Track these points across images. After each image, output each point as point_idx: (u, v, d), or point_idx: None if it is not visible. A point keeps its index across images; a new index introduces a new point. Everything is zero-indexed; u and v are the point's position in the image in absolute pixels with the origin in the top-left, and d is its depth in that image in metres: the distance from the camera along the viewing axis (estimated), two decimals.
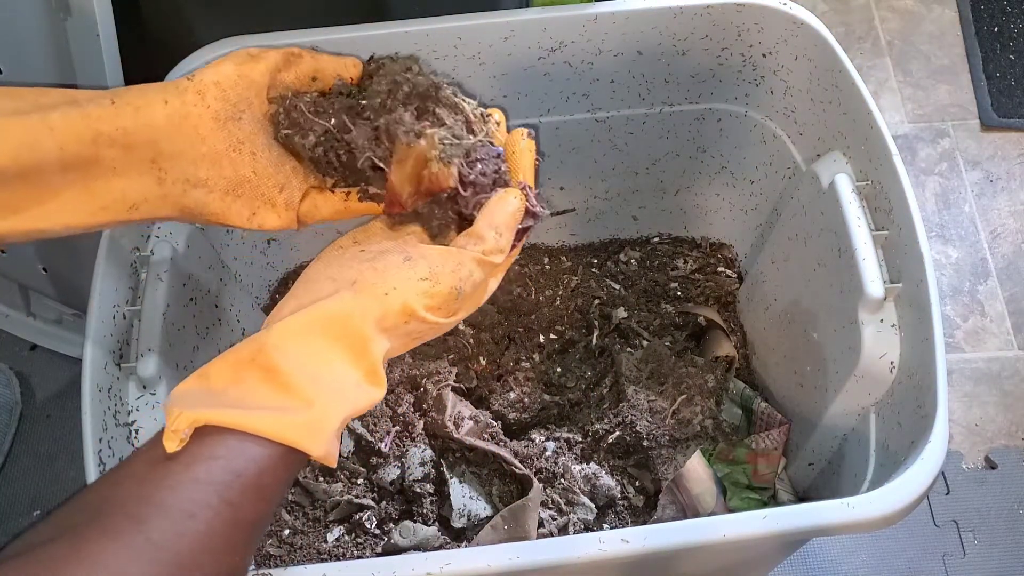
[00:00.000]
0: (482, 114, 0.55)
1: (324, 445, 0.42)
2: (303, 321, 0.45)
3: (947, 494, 1.02)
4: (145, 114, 0.48)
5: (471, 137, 0.53)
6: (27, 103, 0.46)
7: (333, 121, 0.53)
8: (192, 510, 0.38)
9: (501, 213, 0.51)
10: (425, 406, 0.80)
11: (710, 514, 0.76)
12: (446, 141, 0.51)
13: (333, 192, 0.56)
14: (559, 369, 0.89)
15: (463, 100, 0.55)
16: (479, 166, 0.53)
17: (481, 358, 0.88)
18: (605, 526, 0.76)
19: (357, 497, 0.75)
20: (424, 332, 0.50)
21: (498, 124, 0.56)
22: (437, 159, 0.51)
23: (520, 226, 0.53)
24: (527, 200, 0.53)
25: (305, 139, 0.53)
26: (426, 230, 0.53)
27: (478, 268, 0.50)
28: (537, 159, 0.57)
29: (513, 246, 0.53)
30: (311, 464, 0.49)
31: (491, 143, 0.54)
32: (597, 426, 0.79)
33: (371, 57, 0.56)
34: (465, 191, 0.52)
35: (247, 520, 0.41)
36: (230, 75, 0.51)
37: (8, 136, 0.44)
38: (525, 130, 0.57)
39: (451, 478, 0.76)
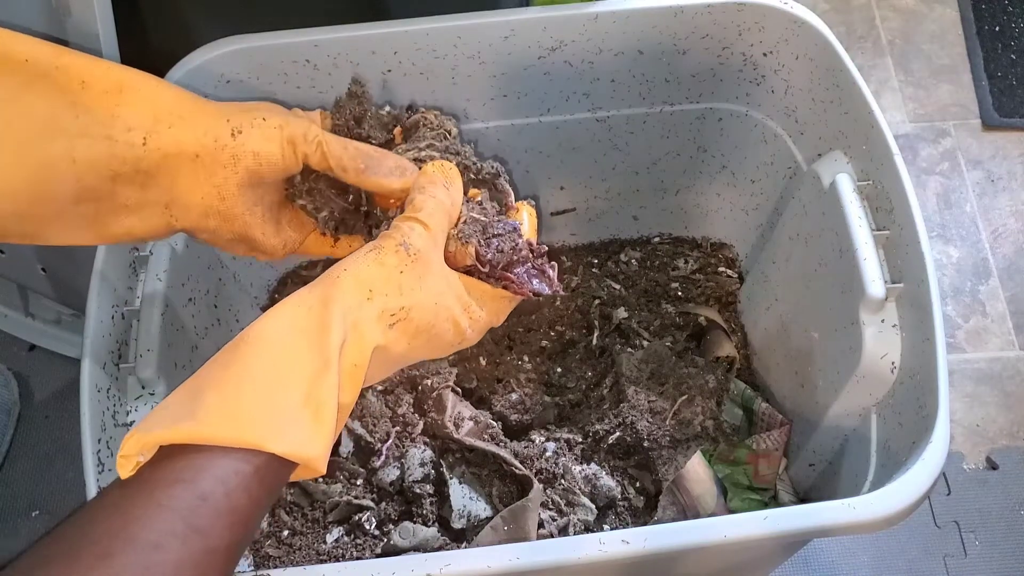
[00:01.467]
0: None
1: (283, 439, 0.39)
2: (256, 330, 0.43)
3: (948, 495, 1.01)
4: (171, 163, 0.47)
5: (488, 216, 0.54)
6: (61, 128, 0.44)
7: (352, 198, 0.55)
8: (158, 540, 0.36)
9: (423, 178, 0.51)
10: (425, 406, 0.80)
11: (711, 515, 0.76)
12: (466, 220, 0.52)
13: (324, 236, 0.57)
14: (559, 369, 0.88)
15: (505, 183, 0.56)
16: (495, 243, 0.53)
17: (481, 358, 0.88)
18: (605, 527, 0.75)
19: (356, 498, 0.75)
20: (400, 317, 0.47)
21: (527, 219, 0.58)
22: (455, 238, 0.51)
23: (526, 280, 0.54)
24: (489, 223, 0.53)
25: (320, 212, 0.55)
26: None
27: (414, 224, 0.48)
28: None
29: (512, 286, 0.53)
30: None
31: (506, 217, 0.55)
32: (597, 427, 0.79)
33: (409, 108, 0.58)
34: (484, 267, 0.52)
35: (219, 546, 0.38)
36: (273, 153, 0.50)
37: (27, 162, 0.43)
38: (530, 202, 0.59)
39: (451, 479, 0.75)
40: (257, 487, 0.40)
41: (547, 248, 0.55)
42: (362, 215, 0.56)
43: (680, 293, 0.93)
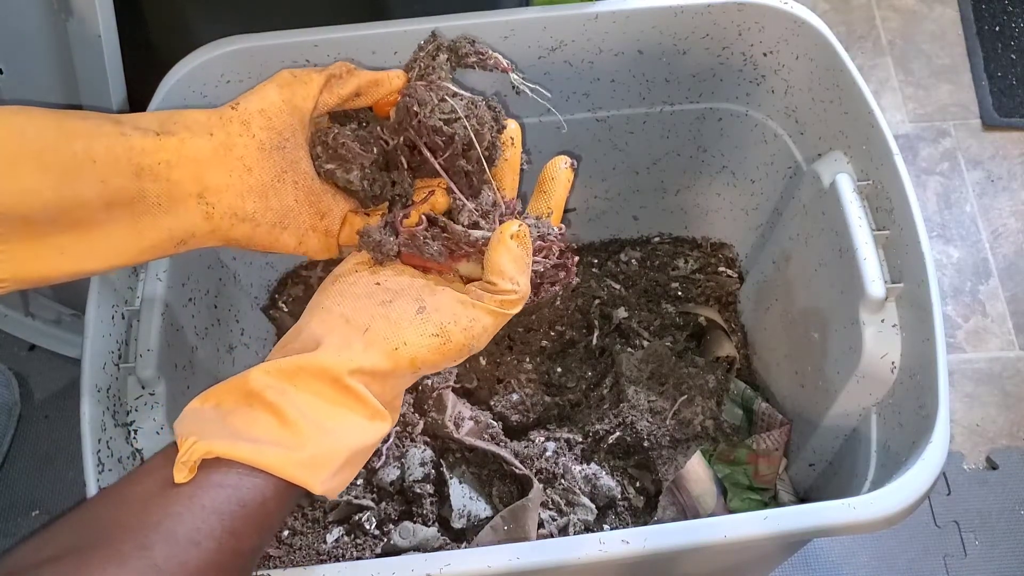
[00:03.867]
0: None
1: (325, 483, 0.43)
2: (313, 368, 0.44)
3: (948, 495, 1.01)
4: (190, 147, 0.47)
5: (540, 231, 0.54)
6: (74, 129, 0.44)
7: (375, 150, 0.54)
8: (196, 538, 0.39)
9: (504, 256, 0.49)
10: (425, 406, 0.80)
11: (711, 515, 0.76)
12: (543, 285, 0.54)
13: (369, 215, 0.56)
14: (559, 369, 0.88)
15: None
16: (546, 287, 0.54)
17: (481, 358, 0.88)
18: (605, 527, 0.75)
19: (356, 498, 0.75)
20: (428, 373, 0.51)
21: (513, 141, 0.56)
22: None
23: (543, 270, 0.53)
24: (544, 234, 0.53)
25: (348, 174, 0.53)
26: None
27: (494, 321, 0.49)
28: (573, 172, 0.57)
29: (543, 286, 0.53)
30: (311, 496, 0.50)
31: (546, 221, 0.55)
32: (597, 426, 0.79)
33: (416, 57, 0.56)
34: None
35: (247, 549, 0.41)
36: (275, 102, 0.50)
37: (51, 166, 0.43)
38: (568, 159, 0.56)
39: (451, 478, 0.75)
40: (286, 501, 0.43)
41: (563, 231, 0.55)
42: (388, 176, 0.55)
43: (680, 293, 0.93)
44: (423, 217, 0.53)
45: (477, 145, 0.52)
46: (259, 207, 0.50)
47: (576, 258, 0.55)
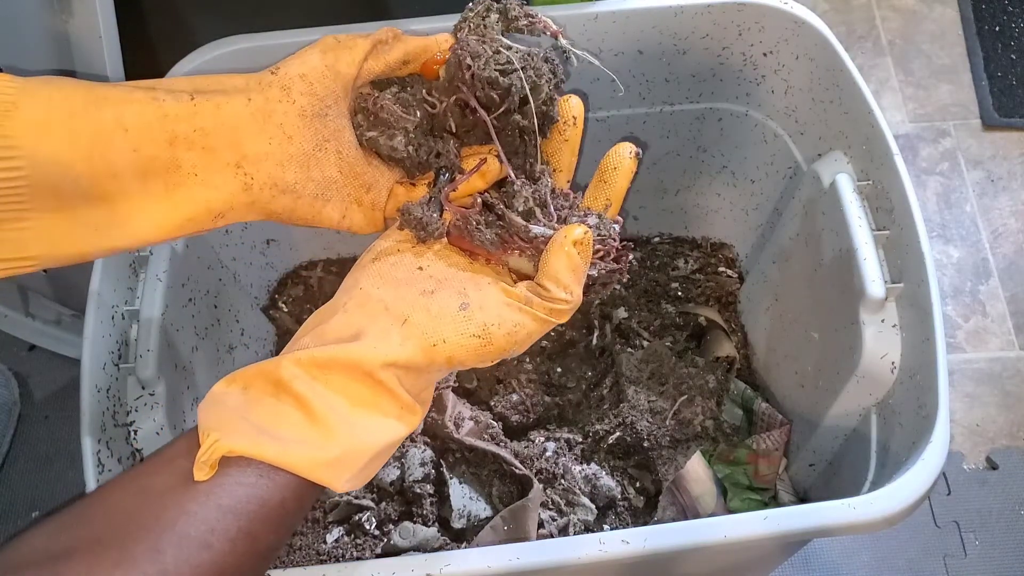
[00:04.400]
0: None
1: (349, 482, 0.42)
2: (348, 360, 0.42)
3: (948, 495, 1.01)
4: (226, 112, 0.44)
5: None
6: (104, 96, 0.42)
7: (419, 114, 0.50)
8: (210, 540, 0.38)
9: (562, 263, 0.46)
10: None
11: (711, 515, 0.76)
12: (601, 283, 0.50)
13: (415, 186, 0.52)
14: (559, 369, 0.88)
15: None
16: (603, 287, 0.51)
17: None
18: (605, 527, 0.75)
19: (356, 498, 0.75)
20: (463, 369, 0.48)
21: (575, 121, 0.52)
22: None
23: (598, 274, 0.49)
24: (605, 237, 0.49)
25: (392, 140, 0.50)
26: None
27: (539, 328, 0.46)
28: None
29: (594, 289, 0.50)
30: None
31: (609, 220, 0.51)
32: (597, 427, 0.79)
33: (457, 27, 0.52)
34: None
35: (263, 549, 0.40)
36: (317, 67, 0.47)
37: (80, 134, 0.41)
38: (633, 147, 0.52)
39: (451, 479, 0.75)
40: (307, 498, 0.42)
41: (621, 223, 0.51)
42: (432, 139, 0.52)
43: (680, 293, 0.93)
44: (478, 200, 0.50)
45: (533, 100, 0.49)
46: (300, 177, 0.47)
47: (631, 256, 0.51)
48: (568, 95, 0.52)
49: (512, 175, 0.50)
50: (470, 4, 0.52)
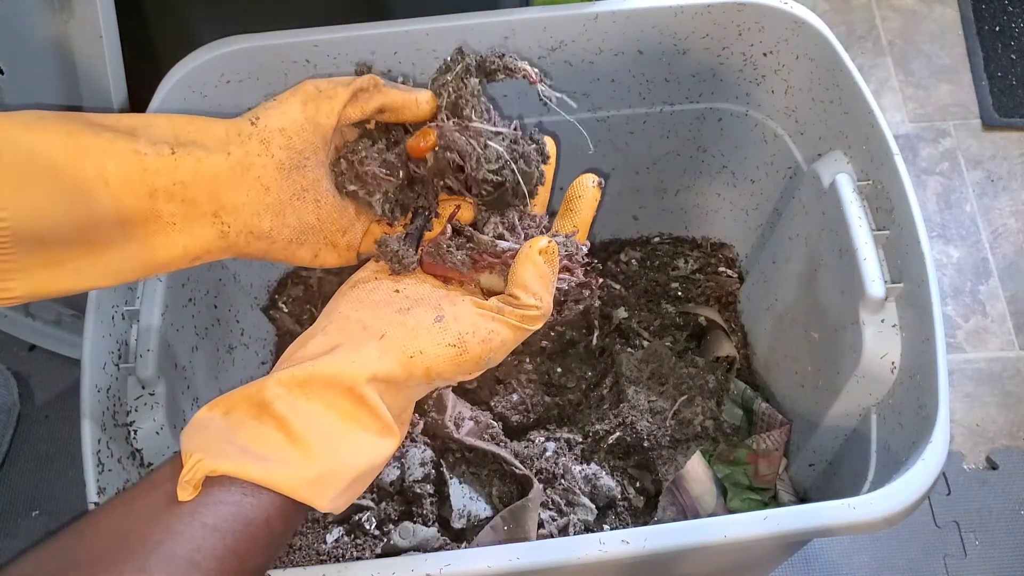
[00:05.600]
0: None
1: (333, 501, 0.43)
2: (327, 376, 0.43)
3: (948, 495, 1.01)
4: (206, 167, 0.45)
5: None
6: (85, 146, 0.42)
7: (402, 174, 0.52)
8: (196, 559, 0.38)
9: (530, 271, 0.48)
10: (425, 406, 0.80)
11: (711, 515, 0.76)
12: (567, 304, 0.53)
13: (392, 226, 0.54)
14: (559, 369, 0.88)
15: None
16: (569, 305, 0.53)
17: None
18: (605, 527, 0.75)
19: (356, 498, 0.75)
20: (441, 386, 0.50)
21: (549, 157, 0.55)
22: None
23: (568, 288, 0.52)
24: (572, 254, 0.52)
25: (371, 197, 0.52)
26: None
27: (513, 335, 0.48)
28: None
29: (566, 303, 0.53)
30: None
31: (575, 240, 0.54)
32: (597, 427, 0.79)
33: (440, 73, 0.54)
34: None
35: (251, 568, 0.40)
36: (296, 120, 0.48)
37: (61, 187, 0.41)
38: (596, 177, 0.55)
39: (451, 479, 0.75)
40: (293, 518, 0.42)
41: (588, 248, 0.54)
42: (411, 191, 0.54)
43: (680, 293, 0.93)
44: (448, 226, 0.52)
45: (524, 184, 0.51)
46: (276, 224, 0.48)
47: (601, 280, 0.54)
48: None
49: (487, 214, 0.53)
50: (447, 60, 0.53)
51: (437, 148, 0.51)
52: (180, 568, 0.37)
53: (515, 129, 0.53)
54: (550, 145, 0.55)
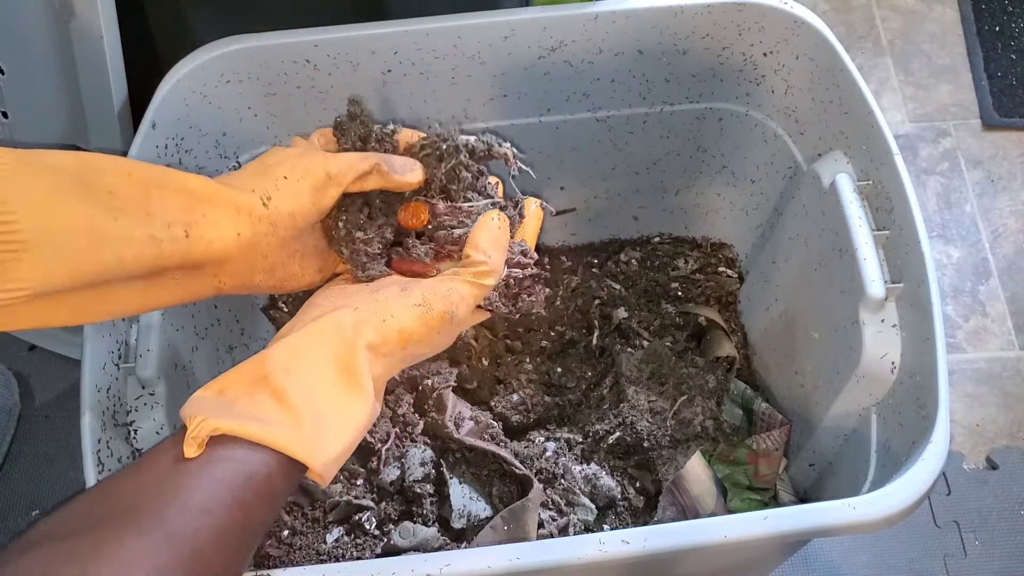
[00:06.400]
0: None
1: (324, 462, 0.46)
2: (306, 336, 0.49)
3: (948, 495, 1.01)
4: (217, 248, 0.49)
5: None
6: (106, 234, 0.44)
7: (387, 238, 0.58)
8: (209, 506, 0.41)
9: (484, 234, 0.55)
10: (425, 406, 0.80)
11: (711, 515, 0.76)
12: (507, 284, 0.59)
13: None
14: (559, 369, 0.88)
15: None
16: (521, 297, 0.60)
17: (484, 359, 0.88)
18: (605, 527, 0.75)
19: (356, 498, 0.75)
20: (420, 354, 0.54)
21: (523, 217, 0.62)
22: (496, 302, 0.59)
23: (521, 277, 0.59)
24: (524, 250, 0.59)
25: (353, 256, 0.57)
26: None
27: (470, 290, 0.54)
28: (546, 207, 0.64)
29: (519, 298, 0.59)
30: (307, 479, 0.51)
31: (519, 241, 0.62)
32: (597, 427, 0.79)
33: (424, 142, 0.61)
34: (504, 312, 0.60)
35: (255, 522, 0.44)
36: (305, 205, 0.53)
37: (82, 273, 0.44)
38: (539, 201, 0.63)
39: (451, 479, 0.75)
40: (291, 476, 0.46)
41: (536, 259, 0.60)
42: (391, 249, 0.60)
43: (680, 293, 0.93)
44: (412, 232, 0.59)
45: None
46: (264, 278, 0.54)
47: (548, 291, 0.61)
48: (528, 199, 0.63)
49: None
50: (439, 152, 0.59)
51: (427, 224, 0.58)
52: (194, 516, 0.41)
53: (498, 197, 0.61)
54: (535, 210, 0.63)
